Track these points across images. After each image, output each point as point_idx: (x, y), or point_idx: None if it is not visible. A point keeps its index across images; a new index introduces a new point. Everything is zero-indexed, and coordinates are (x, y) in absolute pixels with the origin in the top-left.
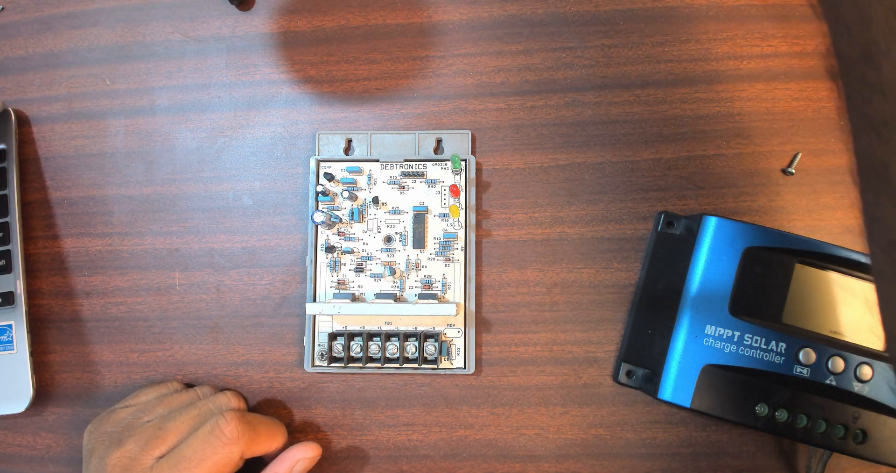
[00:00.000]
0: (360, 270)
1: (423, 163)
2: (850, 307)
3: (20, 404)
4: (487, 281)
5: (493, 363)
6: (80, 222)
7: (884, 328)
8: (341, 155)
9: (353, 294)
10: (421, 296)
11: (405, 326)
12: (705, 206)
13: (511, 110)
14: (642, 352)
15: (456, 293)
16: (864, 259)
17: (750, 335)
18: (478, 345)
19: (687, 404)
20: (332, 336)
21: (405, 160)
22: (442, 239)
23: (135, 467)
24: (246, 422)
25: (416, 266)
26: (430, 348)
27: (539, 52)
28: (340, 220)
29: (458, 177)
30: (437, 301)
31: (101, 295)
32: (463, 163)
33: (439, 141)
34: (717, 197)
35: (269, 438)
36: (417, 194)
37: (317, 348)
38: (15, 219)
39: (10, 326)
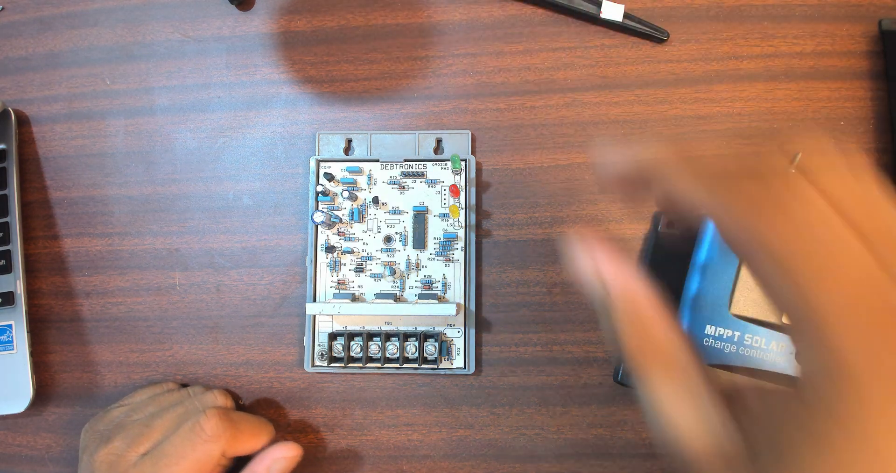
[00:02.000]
0: (360, 270)
1: (423, 163)
2: None
3: (20, 404)
4: (487, 281)
5: (493, 363)
6: (80, 222)
7: None
8: (341, 155)
9: (353, 294)
10: (421, 296)
11: (405, 326)
12: None
13: (511, 110)
14: None
15: (456, 293)
16: None
17: (750, 335)
18: (478, 345)
19: None
20: (332, 336)
21: (405, 160)
22: (442, 239)
23: (120, 463)
24: (228, 420)
25: (416, 266)
26: (430, 348)
27: (539, 52)
28: (340, 220)
29: (458, 177)
30: (437, 301)
31: (101, 295)
32: (463, 163)
33: (439, 141)
34: None
35: (252, 436)
36: (417, 194)
37: (317, 348)
38: (15, 219)
39: (10, 326)
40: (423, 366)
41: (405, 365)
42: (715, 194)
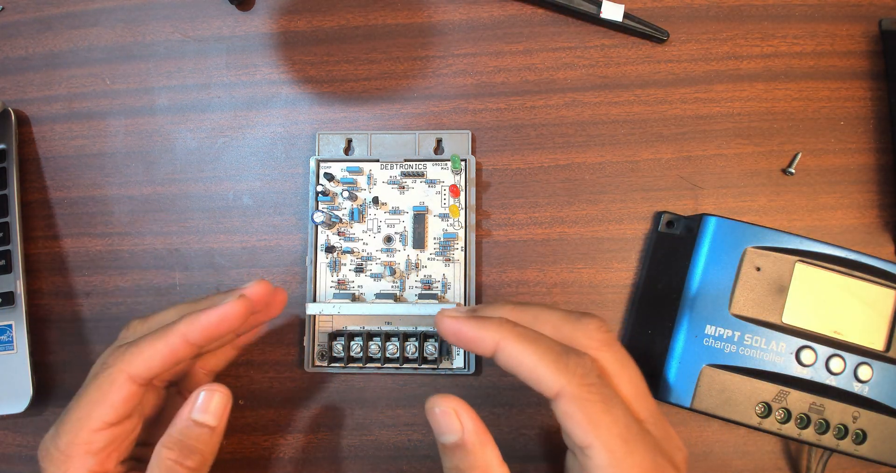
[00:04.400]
0: (360, 270)
1: (423, 163)
2: (850, 307)
3: (20, 404)
4: (487, 281)
5: (493, 363)
6: (80, 222)
7: None
8: (341, 155)
9: (353, 294)
10: (421, 296)
11: (405, 326)
12: (705, 206)
13: (511, 110)
14: (642, 352)
15: (456, 293)
16: (864, 259)
17: (750, 335)
18: None
19: (687, 404)
20: (332, 336)
21: (405, 160)
22: (442, 239)
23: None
24: (126, 344)
25: (416, 266)
26: (430, 348)
27: (539, 52)
28: (340, 220)
29: (458, 177)
30: (437, 301)
31: (101, 295)
32: (463, 163)
33: (439, 141)
34: (717, 197)
35: (150, 346)
36: (417, 194)
37: (317, 348)
38: (15, 219)
39: (10, 326)
40: (423, 366)
41: (405, 365)
42: (552, 367)
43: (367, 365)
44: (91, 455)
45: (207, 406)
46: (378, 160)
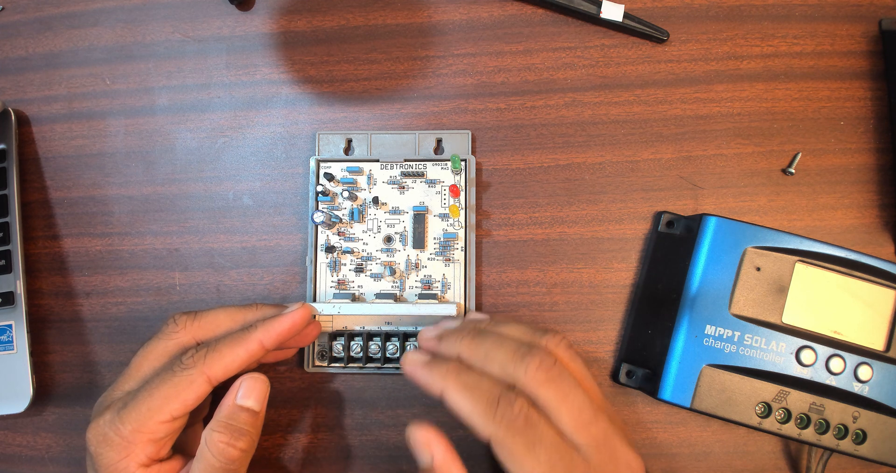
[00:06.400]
0: (360, 270)
1: (423, 163)
2: (850, 307)
3: (20, 404)
4: (487, 281)
5: None
6: (80, 222)
7: None
8: (341, 155)
9: (354, 294)
10: (421, 296)
11: (405, 326)
12: (705, 206)
13: (511, 110)
14: (642, 352)
15: (456, 293)
16: (864, 259)
17: (750, 335)
18: None
19: (687, 404)
20: (332, 336)
21: (405, 160)
22: (442, 239)
23: (105, 400)
24: (205, 348)
25: (416, 266)
26: None
27: (539, 52)
28: (340, 220)
29: (458, 177)
30: (437, 301)
31: (101, 295)
32: (463, 163)
33: (439, 141)
34: (717, 197)
35: (231, 351)
36: (417, 194)
37: (317, 348)
38: (15, 219)
39: (10, 326)
40: None
41: None
42: (482, 416)
43: (367, 365)
44: (152, 443)
45: (250, 393)
46: (378, 160)
